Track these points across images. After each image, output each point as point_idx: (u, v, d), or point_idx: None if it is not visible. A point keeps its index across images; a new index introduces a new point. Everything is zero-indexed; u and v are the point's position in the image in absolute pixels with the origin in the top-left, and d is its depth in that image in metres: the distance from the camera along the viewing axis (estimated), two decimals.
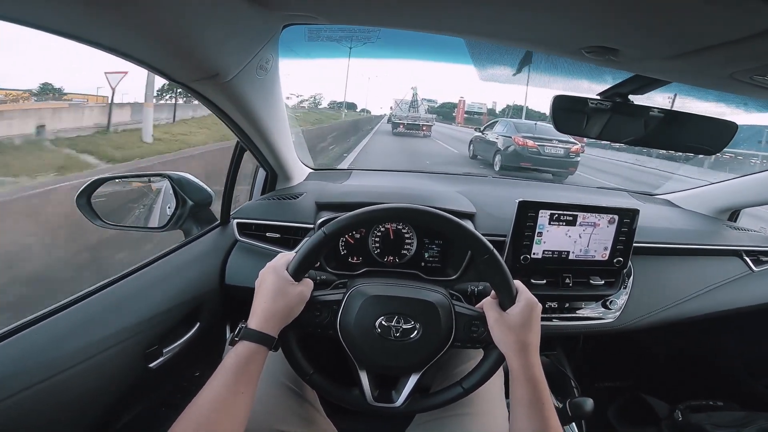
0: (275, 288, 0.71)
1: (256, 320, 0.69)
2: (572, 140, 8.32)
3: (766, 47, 0.49)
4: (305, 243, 0.76)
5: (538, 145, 8.47)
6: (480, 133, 11.06)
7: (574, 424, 1.28)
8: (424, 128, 19.58)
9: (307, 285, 0.76)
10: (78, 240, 3.29)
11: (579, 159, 9.13)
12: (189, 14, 0.52)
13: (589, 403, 1.15)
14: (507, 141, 8.96)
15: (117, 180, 1.16)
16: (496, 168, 9.11)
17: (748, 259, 1.44)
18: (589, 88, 0.89)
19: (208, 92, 0.79)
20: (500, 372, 0.90)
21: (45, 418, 0.68)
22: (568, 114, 0.90)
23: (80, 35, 0.50)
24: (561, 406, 1.18)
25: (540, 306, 0.75)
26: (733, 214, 1.68)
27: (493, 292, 0.78)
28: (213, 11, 0.54)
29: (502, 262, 0.75)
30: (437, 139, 18.36)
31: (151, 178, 1.29)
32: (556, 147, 8.51)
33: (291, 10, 0.60)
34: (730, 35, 0.48)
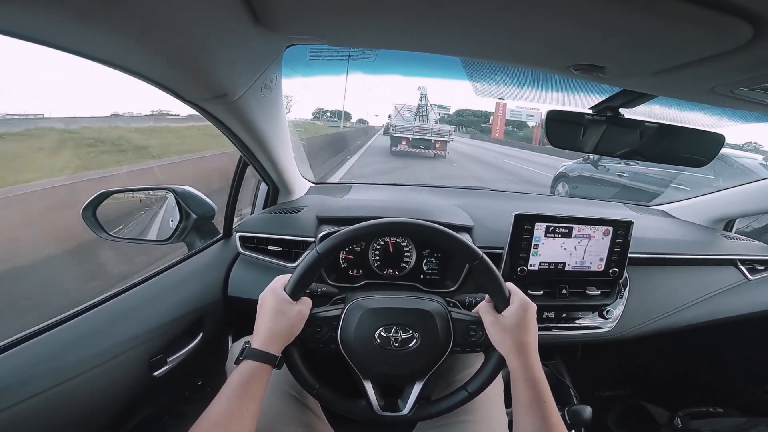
0: (275, 309, 0.74)
1: (258, 340, 0.72)
2: None
3: (742, 62, 0.51)
4: (300, 263, 0.78)
5: None
6: (591, 165, 6.47)
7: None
8: (437, 145, 14.53)
9: (305, 303, 0.78)
10: None
11: None
12: (200, 37, 0.55)
13: (587, 411, 1.15)
14: None
15: (123, 193, 1.19)
16: None
17: (743, 268, 1.46)
18: (583, 101, 0.92)
19: (216, 111, 0.82)
20: (500, 379, 0.91)
21: (52, 425, 0.70)
22: (562, 128, 0.93)
23: (99, 56, 0.52)
24: (560, 414, 1.19)
25: (534, 306, 0.77)
26: (728, 224, 1.70)
27: (487, 296, 0.80)
28: (222, 34, 0.57)
29: (493, 266, 0.78)
30: (461, 164, 13.23)
31: (156, 191, 1.31)
32: None
33: (295, 33, 0.63)
34: (708, 52, 0.50)
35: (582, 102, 0.92)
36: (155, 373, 0.92)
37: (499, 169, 13.41)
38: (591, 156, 6.22)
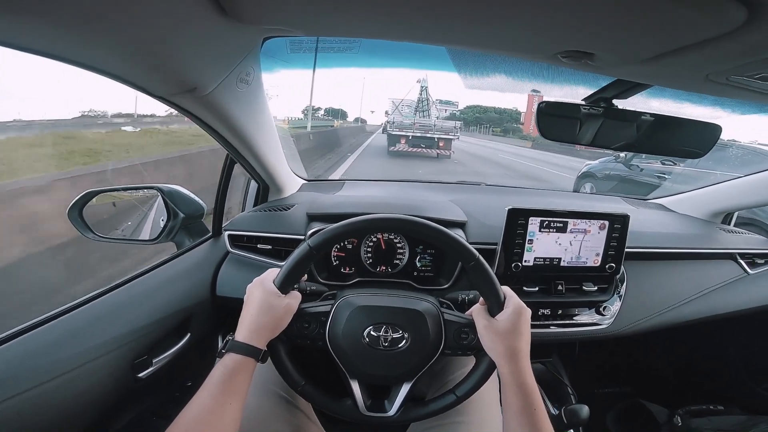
0: (262, 301, 0.72)
1: (242, 333, 0.70)
2: None
3: (736, 47, 0.49)
4: (291, 256, 0.76)
5: None
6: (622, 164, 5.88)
7: (572, 431, 1.27)
8: (440, 143, 12.97)
9: (294, 297, 0.77)
10: None
11: None
12: (163, 29, 0.52)
13: (584, 410, 1.14)
14: None
15: (109, 193, 1.17)
16: None
17: (742, 262, 1.44)
18: (573, 92, 0.90)
19: (187, 105, 0.80)
20: (494, 380, 0.89)
21: (31, 426, 0.68)
22: (555, 120, 0.91)
23: (53, 52, 0.50)
24: (557, 413, 1.17)
25: (529, 311, 0.75)
26: (727, 217, 1.68)
27: (481, 298, 0.78)
28: (187, 26, 0.55)
29: (489, 268, 0.76)
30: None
31: (143, 191, 1.30)
32: None
33: (267, 24, 0.61)
34: (702, 36, 0.48)
35: (574, 93, 0.90)
36: (140, 375, 0.90)
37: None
38: (622, 155, 5.89)
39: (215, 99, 0.79)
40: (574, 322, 1.22)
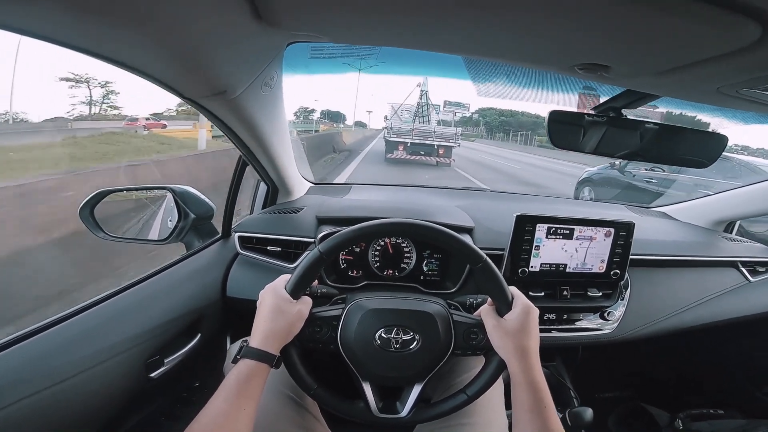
0: (274, 307, 0.73)
1: (256, 339, 0.71)
2: None
3: (749, 62, 0.51)
4: (301, 262, 0.77)
5: None
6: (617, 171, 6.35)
7: None
8: (440, 151, 12.28)
9: (305, 303, 0.78)
10: None
11: None
12: (200, 33, 0.54)
13: (588, 413, 1.15)
14: None
15: (121, 192, 1.18)
16: None
17: (744, 270, 1.46)
18: (584, 102, 0.92)
19: (215, 108, 0.82)
20: (500, 382, 0.90)
21: (46, 425, 0.69)
22: (564, 128, 0.92)
23: (99, 52, 0.52)
24: (561, 416, 1.18)
25: (537, 310, 0.77)
26: (729, 225, 1.70)
27: (489, 299, 0.79)
28: (223, 30, 0.56)
29: (496, 269, 0.77)
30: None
31: (155, 191, 1.31)
32: None
33: (296, 29, 0.63)
34: (715, 51, 0.50)
35: (585, 102, 0.92)
36: (152, 374, 0.91)
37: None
38: (618, 162, 6.27)
39: (241, 102, 0.81)
40: (578, 326, 1.23)
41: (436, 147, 12.31)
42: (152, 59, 0.58)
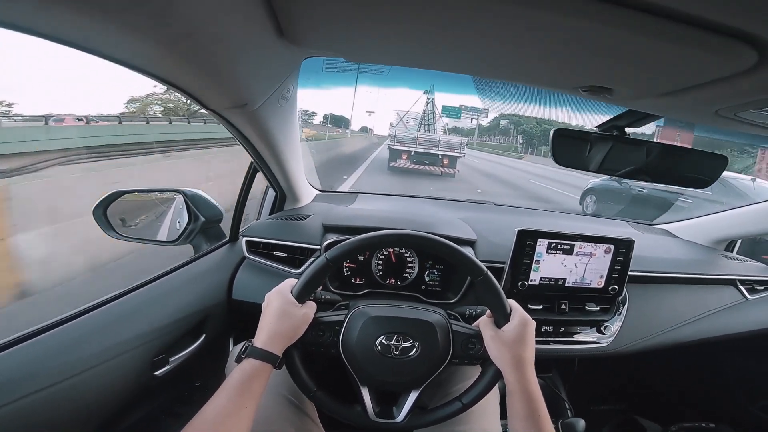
0: (280, 310, 0.76)
1: (261, 339, 0.73)
2: None
3: (746, 86, 0.53)
4: (308, 268, 0.80)
5: None
6: (615, 182, 7.19)
7: None
8: (445, 161, 11.84)
9: (310, 307, 0.80)
10: None
11: None
12: (228, 48, 0.57)
13: (581, 424, 1.16)
14: None
15: (134, 193, 1.21)
16: None
17: (742, 288, 1.47)
18: (589, 119, 0.93)
19: (235, 120, 0.85)
20: (496, 391, 0.92)
21: (54, 420, 0.71)
22: (568, 146, 0.95)
23: (135, 64, 0.55)
24: (554, 427, 1.19)
25: (534, 323, 0.79)
26: (730, 244, 1.71)
27: (488, 311, 0.82)
28: (249, 47, 0.59)
29: (496, 282, 0.80)
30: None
31: (167, 193, 1.33)
32: None
33: (313, 47, 0.66)
34: (713, 75, 0.52)
35: (590, 119, 0.93)
36: (157, 373, 0.93)
37: None
38: None
39: (260, 114, 0.84)
40: (575, 339, 1.25)
41: (440, 156, 11.93)
42: (182, 72, 0.60)
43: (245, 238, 1.24)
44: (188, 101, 0.69)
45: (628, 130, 0.91)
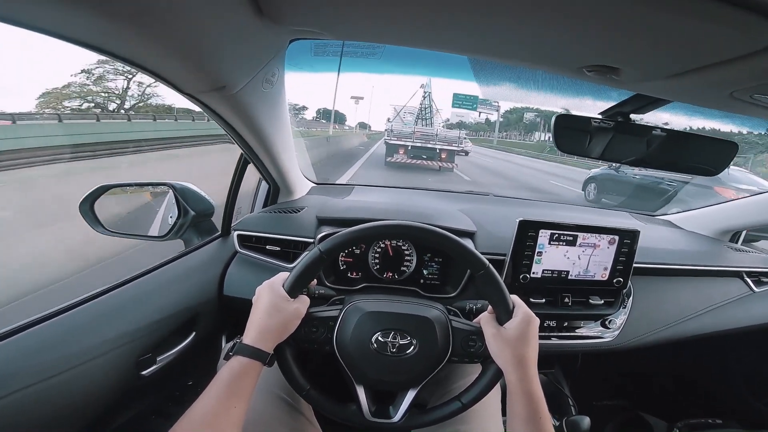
0: (271, 304, 0.72)
1: (250, 336, 0.70)
2: None
3: (765, 66, 0.49)
4: (301, 260, 0.76)
5: None
6: (613, 170, 8.13)
7: None
8: (443, 156, 11.66)
9: (302, 302, 0.77)
10: None
11: None
12: (200, 27, 0.53)
13: (585, 421, 1.13)
14: None
15: (121, 187, 1.17)
16: None
17: (749, 280, 1.44)
18: (592, 106, 0.90)
19: (213, 104, 0.80)
20: (497, 389, 0.89)
21: (33, 422, 0.68)
22: (570, 133, 0.91)
23: (97, 45, 0.51)
24: (558, 424, 1.17)
25: (537, 320, 0.76)
26: (735, 235, 1.68)
27: (490, 306, 0.78)
28: (223, 25, 0.55)
29: (498, 276, 0.76)
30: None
31: (155, 187, 1.30)
32: None
33: (298, 25, 0.61)
34: (729, 54, 0.48)
35: (592, 107, 0.90)
36: (143, 372, 0.90)
37: None
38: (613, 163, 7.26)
39: (241, 98, 0.80)
40: (578, 334, 1.22)
41: (438, 151, 11.72)
42: (149, 53, 0.56)
43: (237, 232, 1.20)
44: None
45: (632, 117, 0.87)
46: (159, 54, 0.57)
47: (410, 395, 0.80)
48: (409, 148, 11.68)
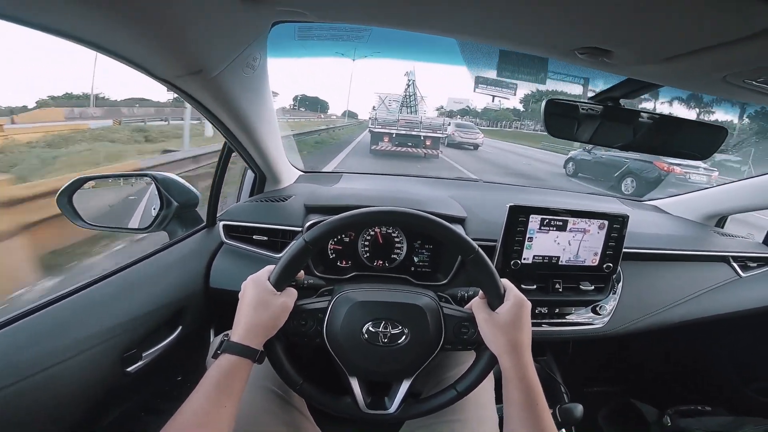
0: (257, 300, 0.70)
1: (238, 333, 0.68)
2: None
3: (759, 50, 0.48)
4: (286, 252, 0.74)
5: None
6: (586, 152, 10.17)
7: (564, 430, 1.27)
8: (427, 142, 11.75)
9: (290, 295, 0.75)
10: None
11: None
12: (172, 8, 0.50)
13: (578, 409, 1.14)
14: None
15: (100, 179, 1.14)
16: None
17: (735, 265, 1.45)
18: (581, 91, 0.89)
19: (191, 89, 0.77)
20: (491, 377, 0.88)
21: (13, 422, 0.66)
22: (560, 118, 0.90)
23: (54, 27, 0.47)
24: (551, 412, 1.18)
25: (529, 304, 0.74)
26: (721, 220, 1.70)
27: (481, 292, 0.77)
28: (198, 5, 0.52)
29: (488, 261, 0.75)
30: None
31: (136, 178, 1.26)
32: None
33: (281, 5, 0.58)
34: (724, 37, 0.47)
35: (582, 91, 0.89)
36: (129, 369, 0.88)
37: None
38: (587, 146, 8.06)
39: (220, 83, 0.76)
40: (569, 320, 1.22)
41: (422, 138, 11.80)
42: (116, 36, 0.53)
43: (222, 222, 1.18)
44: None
45: (622, 102, 0.86)
46: (125, 37, 0.53)
47: (405, 385, 0.79)
48: (394, 135, 11.71)
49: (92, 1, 0.44)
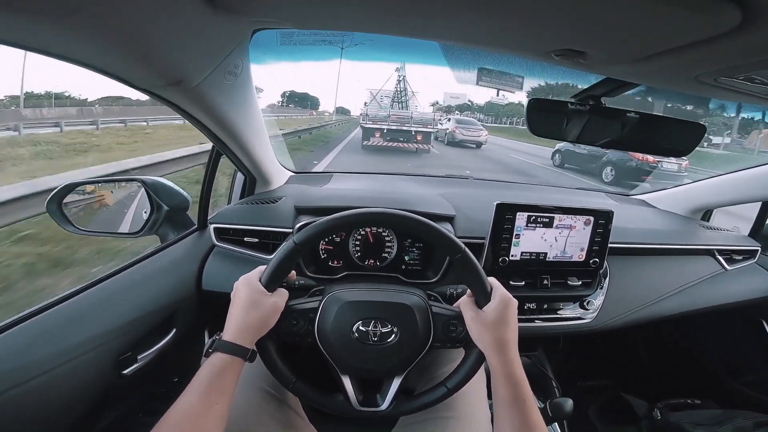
0: (248, 300, 0.71)
1: (229, 332, 0.69)
2: None
3: (729, 49, 0.49)
4: (276, 253, 0.75)
5: None
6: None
7: (555, 424, 1.29)
8: (418, 137, 11.92)
9: (281, 295, 0.76)
10: None
11: None
12: (148, 21, 0.50)
13: (569, 403, 1.15)
14: None
15: (88, 185, 1.14)
16: None
17: (721, 258, 1.47)
18: (563, 90, 0.90)
19: (173, 98, 0.78)
20: (482, 374, 0.90)
21: (11, 428, 0.66)
22: (544, 117, 0.92)
23: (34, 45, 0.48)
24: (542, 406, 1.19)
25: (515, 302, 0.76)
26: (706, 214, 1.72)
27: (469, 290, 0.78)
28: (174, 17, 0.53)
29: (475, 260, 0.76)
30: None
31: (124, 183, 1.27)
32: None
33: (256, 16, 0.59)
34: (694, 37, 0.48)
35: (565, 91, 0.90)
36: (124, 372, 0.89)
37: None
38: None
39: (202, 91, 0.77)
40: (558, 316, 1.24)
41: (413, 133, 11.93)
42: (95, 50, 0.53)
43: (213, 225, 1.18)
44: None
45: (603, 100, 0.88)
46: (104, 51, 0.54)
47: (396, 383, 0.80)
48: (385, 131, 11.84)
49: (62, 15, 0.44)
